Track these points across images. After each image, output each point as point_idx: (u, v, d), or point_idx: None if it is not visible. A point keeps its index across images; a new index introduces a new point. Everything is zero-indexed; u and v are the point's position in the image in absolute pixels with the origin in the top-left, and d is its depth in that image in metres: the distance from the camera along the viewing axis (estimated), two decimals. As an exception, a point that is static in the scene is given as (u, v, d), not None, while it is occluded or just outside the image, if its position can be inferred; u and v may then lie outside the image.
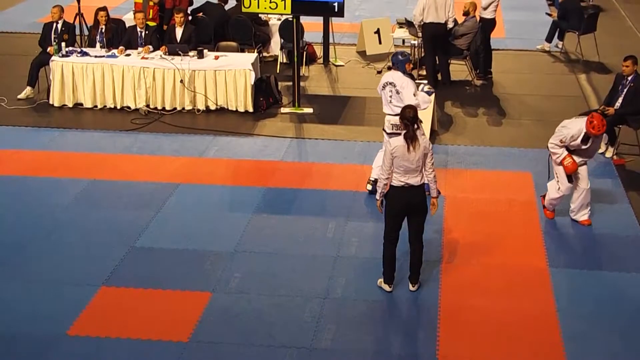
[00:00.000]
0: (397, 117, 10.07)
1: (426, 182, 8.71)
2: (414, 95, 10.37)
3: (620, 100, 12.18)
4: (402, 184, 8.59)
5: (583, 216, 10.31)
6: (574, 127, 9.95)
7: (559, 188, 10.17)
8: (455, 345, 8.08)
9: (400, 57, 10.61)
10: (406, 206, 8.65)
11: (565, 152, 10.01)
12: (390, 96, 10.48)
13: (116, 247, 9.72)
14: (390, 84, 10.48)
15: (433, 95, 10.93)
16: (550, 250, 9.76)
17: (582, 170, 10.19)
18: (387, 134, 10.48)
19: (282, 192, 11.20)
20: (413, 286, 8.91)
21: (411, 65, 10.85)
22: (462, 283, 9.09)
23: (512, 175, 11.74)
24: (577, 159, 10.07)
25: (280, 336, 8.17)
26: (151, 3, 15.54)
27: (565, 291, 8.96)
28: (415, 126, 8.56)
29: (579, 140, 9.90)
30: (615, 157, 12.16)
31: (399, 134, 10.05)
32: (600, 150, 12.28)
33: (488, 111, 14.13)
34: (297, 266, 9.40)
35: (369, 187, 10.96)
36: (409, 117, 8.53)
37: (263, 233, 10.03)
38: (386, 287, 8.88)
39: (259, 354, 7.92)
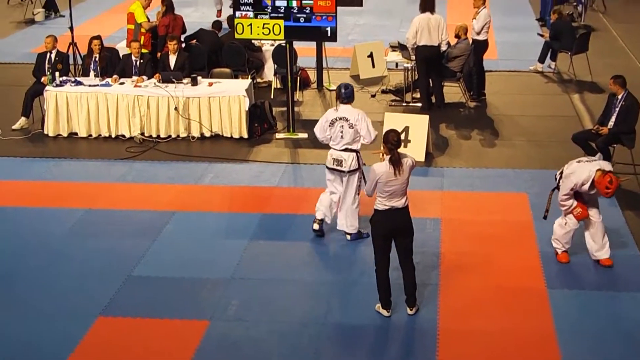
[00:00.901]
0: (340, 152, 10.09)
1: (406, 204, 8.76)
2: (372, 125, 10.09)
3: (613, 119, 12.21)
4: (387, 207, 8.60)
5: (604, 254, 9.90)
6: (582, 174, 9.55)
7: (566, 223, 9.84)
8: (455, 369, 8.06)
9: (350, 89, 10.11)
10: (391, 229, 8.66)
11: (575, 202, 9.70)
12: (342, 132, 10.04)
13: (113, 276, 9.69)
14: (342, 119, 10.03)
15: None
16: (548, 271, 9.75)
17: (594, 213, 9.85)
18: (328, 169, 10.33)
19: (278, 218, 11.19)
20: (411, 310, 8.89)
21: None
22: (461, 306, 9.07)
23: (508, 197, 11.74)
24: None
25: (279, 363, 8.14)
26: (143, 30, 15.60)
27: (564, 312, 8.94)
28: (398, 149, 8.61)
29: (587, 187, 9.55)
30: (610, 176, 12.15)
31: (340, 170, 10.15)
32: (596, 170, 12.29)
33: (482, 133, 14.15)
34: (294, 292, 9.38)
35: (316, 226, 10.48)
36: (393, 141, 8.54)
37: (260, 259, 10.01)
38: (384, 312, 8.86)
39: (258, 382, 7.89)
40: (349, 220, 10.38)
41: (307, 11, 13.12)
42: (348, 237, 10.44)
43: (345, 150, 10.11)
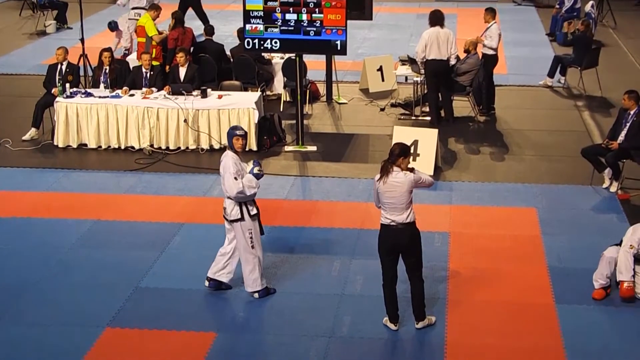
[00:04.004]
0: (225, 199, 9.30)
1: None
2: (235, 179, 9.10)
3: (623, 134, 12.20)
4: (389, 221, 8.59)
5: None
6: None
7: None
8: (462, 384, 8.03)
9: (229, 132, 9.43)
10: (395, 246, 8.65)
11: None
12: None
13: (121, 287, 9.70)
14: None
15: (262, 177, 9.39)
16: (557, 286, 9.71)
17: None
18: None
19: (286, 231, 11.19)
20: (418, 324, 8.86)
21: (240, 141, 9.34)
22: (468, 320, 9.04)
23: (517, 211, 11.72)
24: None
25: (285, 376, 8.13)
26: (154, 43, 15.65)
27: (572, 327, 8.90)
28: (393, 161, 8.56)
29: None
30: (619, 191, 12.14)
31: (239, 219, 9.27)
32: (605, 185, 12.29)
33: (491, 147, 14.14)
34: (302, 305, 9.37)
35: (207, 283, 9.63)
36: (392, 151, 8.62)
37: (267, 272, 9.98)
38: (391, 326, 8.84)
39: (264, 395, 7.87)
40: (248, 277, 9.47)
41: (317, 25, 13.15)
42: (256, 295, 9.49)
43: (228, 197, 9.28)
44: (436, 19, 14.83)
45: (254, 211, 9.37)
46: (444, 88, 15.04)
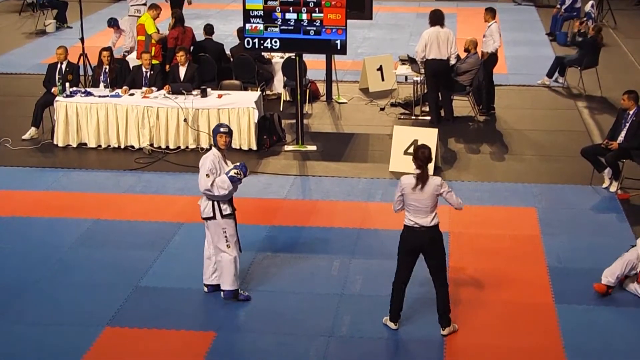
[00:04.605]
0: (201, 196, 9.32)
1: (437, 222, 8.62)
2: (207, 176, 9.13)
3: (623, 134, 12.20)
4: (412, 223, 8.55)
5: None
6: None
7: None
8: (462, 384, 8.02)
9: (214, 129, 9.42)
10: (415, 248, 8.61)
11: None
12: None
13: (120, 286, 9.69)
14: None
15: (239, 182, 9.33)
16: (556, 286, 9.71)
17: None
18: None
19: (286, 230, 11.19)
20: (443, 330, 8.75)
21: (224, 138, 9.27)
22: (468, 320, 9.03)
23: (517, 211, 11.71)
24: None
25: (285, 376, 8.12)
26: (153, 41, 15.65)
27: (572, 327, 8.90)
28: (426, 166, 8.49)
29: None
30: (619, 191, 12.14)
31: (210, 218, 9.25)
32: (604, 185, 12.29)
33: (491, 147, 14.13)
34: (301, 304, 9.36)
35: (205, 289, 9.59)
36: (422, 157, 8.47)
37: (267, 271, 10.00)
38: (391, 325, 8.83)
39: (264, 394, 7.87)
40: (222, 275, 9.38)
41: (317, 24, 13.15)
42: (222, 294, 9.40)
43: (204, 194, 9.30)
44: (436, 18, 14.83)
45: (227, 211, 9.32)
46: (444, 88, 15.04)
